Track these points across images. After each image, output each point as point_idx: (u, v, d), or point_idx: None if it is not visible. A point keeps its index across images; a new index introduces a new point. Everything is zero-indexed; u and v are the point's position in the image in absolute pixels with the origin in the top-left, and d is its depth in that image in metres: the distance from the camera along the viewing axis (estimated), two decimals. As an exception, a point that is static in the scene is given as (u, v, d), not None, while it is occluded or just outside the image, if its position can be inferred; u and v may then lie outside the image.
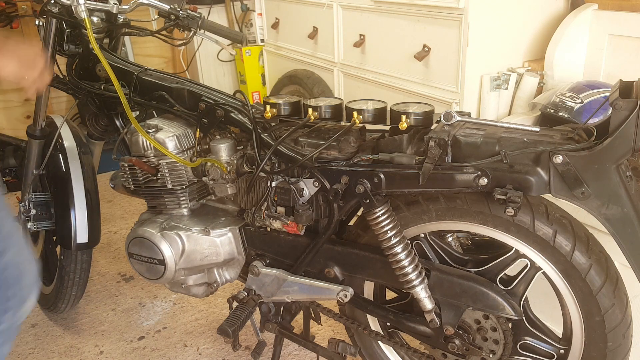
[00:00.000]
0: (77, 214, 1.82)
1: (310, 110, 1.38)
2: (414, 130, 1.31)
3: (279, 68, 3.13)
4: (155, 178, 1.59)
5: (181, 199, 1.60)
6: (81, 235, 1.82)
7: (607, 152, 1.04)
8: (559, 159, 1.07)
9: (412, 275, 1.29)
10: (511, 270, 1.27)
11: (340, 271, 1.44)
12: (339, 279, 1.45)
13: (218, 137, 1.57)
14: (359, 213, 1.43)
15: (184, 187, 1.59)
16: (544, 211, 1.18)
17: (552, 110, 1.72)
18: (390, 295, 1.55)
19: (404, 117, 1.27)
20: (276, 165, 1.42)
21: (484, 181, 1.14)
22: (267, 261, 1.54)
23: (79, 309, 2.22)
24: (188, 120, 1.58)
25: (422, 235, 1.36)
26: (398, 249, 1.28)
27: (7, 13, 3.11)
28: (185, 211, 1.62)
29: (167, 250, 1.54)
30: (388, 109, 1.35)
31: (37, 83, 1.21)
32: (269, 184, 1.42)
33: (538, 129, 1.17)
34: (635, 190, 1.08)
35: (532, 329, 1.31)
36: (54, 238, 2.06)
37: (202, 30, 1.79)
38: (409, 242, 1.32)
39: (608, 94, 1.24)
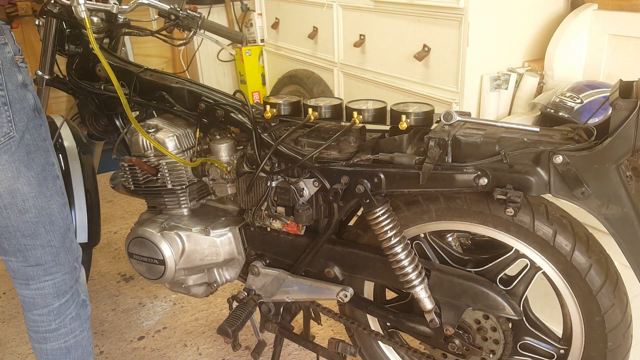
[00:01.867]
0: (77, 213, 1.82)
1: (310, 110, 1.38)
2: (414, 130, 1.31)
3: (279, 68, 3.13)
4: (155, 178, 1.59)
5: (181, 199, 1.60)
6: (81, 235, 1.81)
7: (607, 152, 1.04)
8: (559, 159, 1.07)
9: (412, 275, 1.29)
10: (511, 270, 1.28)
11: (340, 271, 1.44)
12: (339, 279, 1.45)
13: (218, 137, 1.57)
14: (359, 213, 1.43)
15: (184, 187, 1.59)
16: (544, 211, 1.18)
17: (552, 110, 1.72)
18: (390, 295, 1.55)
19: (404, 117, 1.27)
20: (276, 165, 1.42)
21: (484, 181, 1.14)
22: (267, 261, 1.55)
23: (79, 309, 2.22)
24: (188, 120, 1.58)
25: (422, 235, 1.36)
26: (398, 249, 1.28)
27: (7, 13, 3.11)
28: (185, 211, 1.62)
29: (167, 250, 1.54)
30: (388, 109, 1.35)
31: None
32: (269, 184, 1.42)
33: (538, 129, 1.17)
34: (635, 190, 1.08)
35: (532, 329, 1.31)
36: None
37: (202, 30, 1.79)
38: (409, 242, 1.32)
39: (608, 94, 1.24)
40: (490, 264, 1.29)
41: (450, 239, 1.38)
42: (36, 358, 1.69)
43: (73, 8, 1.31)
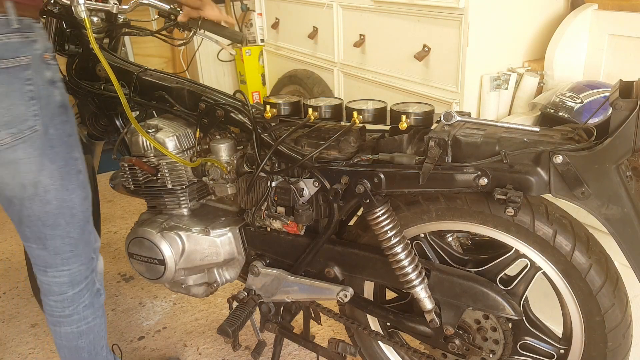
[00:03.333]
0: (77, 214, 1.82)
1: (310, 110, 1.38)
2: (414, 130, 1.31)
3: (279, 68, 3.13)
4: (155, 178, 1.59)
5: (181, 199, 1.60)
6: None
7: (607, 152, 1.04)
8: (559, 159, 1.07)
9: (412, 275, 1.29)
10: (511, 270, 1.28)
11: (340, 271, 1.44)
12: (339, 279, 1.45)
13: (218, 137, 1.57)
14: (359, 213, 1.43)
15: (184, 187, 1.59)
16: (544, 211, 1.18)
17: (552, 110, 1.72)
18: (390, 295, 1.55)
19: (404, 117, 1.27)
20: (276, 165, 1.42)
21: (484, 181, 1.14)
22: (267, 261, 1.54)
23: (79, 309, 2.22)
24: (188, 120, 1.58)
25: (422, 235, 1.36)
26: (398, 249, 1.28)
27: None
28: (185, 211, 1.62)
29: (167, 250, 1.54)
30: (388, 109, 1.35)
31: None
32: (269, 184, 1.42)
33: (538, 129, 1.17)
34: (635, 190, 1.08)
35: (532, 329, 1.31)
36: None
37: (202, 30, 1.79)
38: (409, 242, 1.32)
39: (608, 94, 1.24)
40: (490, 264, 1.28)
41: (450, 239, 1.38)
42: (37, 357, 1.71)
43: (73, 8, 1.31)
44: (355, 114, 1.33)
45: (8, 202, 1.26)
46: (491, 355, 1.33)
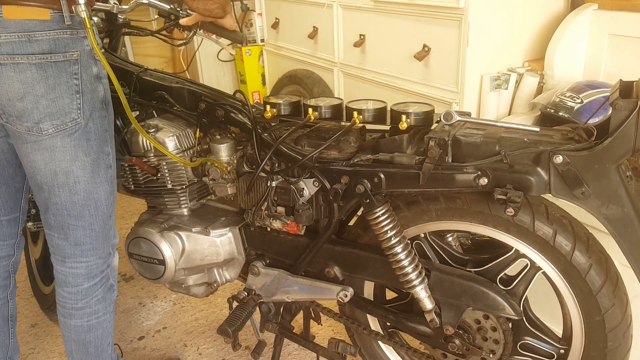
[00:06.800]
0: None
1: (310, 110, 1.38)
2: (414, 130, 1.31)
3: (279, 68, 3.14)
4: (155, 178, 1.59)
5: (181, 199, 1.60)
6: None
7: (607, 152, 1.04)
8: (559, 159, 1.07)
9: (412, 275, 1.29)
10: (511, 270, 1.28)
11: (340, 271, 1.44)
12: (339, 279, 1.45)
13: (218, 137, 1.57)
14: (359, 213, 1.43)
15: (184, 187, 1.59)
16: (544, 211, 1.18)
17: (552, 110, 1.72)
18: (390, 295, 1.55)
19: (404, 117, 1.27)
20: (276, 165, 1.42)
21: (484, 181, 1.14)
22: (267, 261, 1.55)
23: (79, 309, 2.22)
24: (188, 120, 1.58)
25: (422, 235, 1.36)
26: (398, 249, 1.28)
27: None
28: (185, 211, 1.62)
29: (167, 250, 1.54)
30: (388, 109, 1.35)
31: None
32: (269, 184, 1.42)
33: (538, 129, 1.17)
34: (635, 190, 1.08)
35: (532, 329, 1.31)
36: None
37: (202, 30, 1.79)
38: (409, 242, 1.32)
39: (608, 94, 1.24)
40: (490, 264, 1.29)
41: (450, 239, 1.38)
42: (37, 357, 1.70)
43: (73, 8, 1.31)
44: (355, 114, 1.33)
45: (38, 188, 1.29)
46: (491, 355, 1.33)
